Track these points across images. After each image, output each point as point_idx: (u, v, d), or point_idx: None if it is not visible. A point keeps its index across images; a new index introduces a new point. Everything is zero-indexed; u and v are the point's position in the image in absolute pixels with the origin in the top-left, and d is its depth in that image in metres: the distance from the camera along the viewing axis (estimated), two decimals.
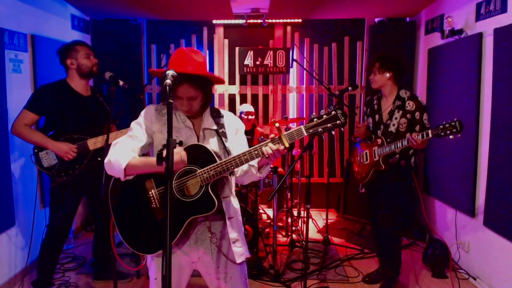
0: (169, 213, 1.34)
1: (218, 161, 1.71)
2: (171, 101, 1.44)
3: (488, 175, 3.11)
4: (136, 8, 4.30)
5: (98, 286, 3.24)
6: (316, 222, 4.59)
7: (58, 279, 3.25)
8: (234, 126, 1.92)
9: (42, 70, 3.55)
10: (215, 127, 1.86)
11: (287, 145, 1.67)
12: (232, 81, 5.17)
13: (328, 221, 4.25)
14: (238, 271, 1.88)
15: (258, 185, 3.83)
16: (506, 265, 2.91)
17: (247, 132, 4.53)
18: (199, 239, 1.85)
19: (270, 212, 4.87)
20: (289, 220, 4.33)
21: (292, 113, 5.22)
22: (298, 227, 4.42)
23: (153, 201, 1.78)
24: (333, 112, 1.70)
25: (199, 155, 1.73)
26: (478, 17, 3.28)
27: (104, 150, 2.90)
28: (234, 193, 1.91)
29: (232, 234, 1.85)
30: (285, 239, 4.17)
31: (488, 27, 3.13)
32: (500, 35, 2.96)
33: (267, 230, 4.20)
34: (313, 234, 4.41)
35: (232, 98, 5.20)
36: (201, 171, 1.71)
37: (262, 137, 4.23)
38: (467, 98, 3.38)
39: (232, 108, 5.17)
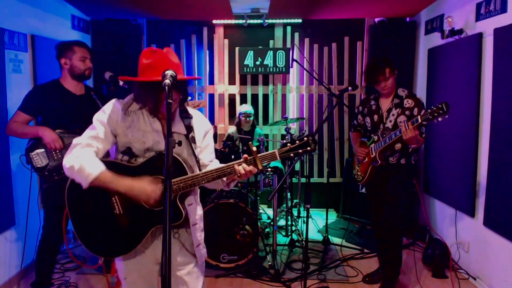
0: (168, 214, 1.34)
1: (189, 173, 1.70)
2: (171, 101, 1.44)
3: (488, 175, 3.11)
4: (136, 8, 4.30)
5: (99, 286, 3.25)
6: (316, 222, 4.59)
7: (58, 279, 3.25)
8: (203, 129, 1.89)
9: (42, 70, 3.54)
10: (184, 131, 1.80)
11: (260, 167, 1.73)
12: (232, 81, 5.17)
13: (328, 221, 4.25)
14: (198, 269, 1.90)
15: (258, 185, 3.84)
16: (506, 265, 2.91)
17: (247, 133, 4.55)
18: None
19: (270, 212, 4.87)
20: (289, 219, 4.33)
21: (292, 113, 5.22)
22: (298, 227, 4.42)
23: (116, 207, 1.72)
24: (304, 139, 1.78)
25: None
26: (478, 17, 3.28)
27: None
28: (198, 200, 1.90)
29: (196, 239, 1.85)
30: (285, 239, 4.17)
31: (488, 27, 3.13)
32: (500, 35, 2.96)
33: (267, 230, 4.21)
34: (313, 234, 4.41)
35: (232, 98, 5.20)
36: (173, 182, 1.65)
37: (261, 136, 4.22)
38: (467, 98, 3.38)
39: (232, 108, 5.17)
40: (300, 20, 5.01)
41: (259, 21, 4.89)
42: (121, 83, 2.90)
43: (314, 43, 5.10)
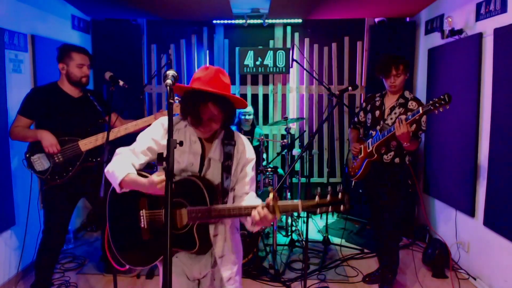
0: (168, 216, 1.34)
1: (209, 203, 1.64)
2: (172, 101, 1.44)
3: (488, 175, 3.11)
4: (136, 8, 4.30)
5: (99, 285, 3.25)
6: (316, 222, 4.59)
7: (58, 279, 3.25)
8: (243, 159, 1.81)
9: (42, 70, 3.55)
10: (220, 158, 1.75)
11: (278, 216, 1.58)
12: (232, 81, 5.15)
13: (328, 221, 4.25)
14: None
15: (258, 185, 3.83)
16: (506, 265, 2.91)
17: (246, 133, 4.55)
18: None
19: None
20: (289, 220, 4.33)
21: (292, 113, 5.22)
22: (298, 227, 4.42)
23: (142, 220, 1.76)
24: (339, 195, 1.54)
25: (191, 191, 1.66)
26: (478, 17, 3.28)
27: (99, 150, 2.89)
28: (230, 231, 1.82)
29: (225, 273, 1.79)
30: (285, 239, 4.17)
31: (488, 27, 3.13)
32: (500, 35, 2.96)
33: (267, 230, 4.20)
34: (313, 234, 4.41)
35: None
36: (189, 210, 1.65)
37: (261, 135, 4.22)
38: (467, 98, 3.38)
39: None
40: (300, 20, 5.01)
41: (259, 21, 4.88)
42: (121, 83, 2.89)
43: (314, 43, 5.09)
